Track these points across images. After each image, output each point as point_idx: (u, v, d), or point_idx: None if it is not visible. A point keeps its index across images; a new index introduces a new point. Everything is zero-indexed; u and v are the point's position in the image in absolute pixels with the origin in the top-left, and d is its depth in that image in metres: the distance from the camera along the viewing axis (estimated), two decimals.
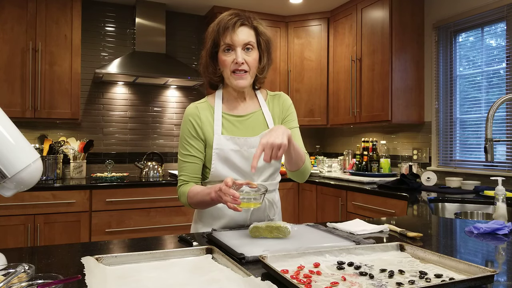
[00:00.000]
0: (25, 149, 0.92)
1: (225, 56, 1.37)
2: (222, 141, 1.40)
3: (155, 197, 3.25)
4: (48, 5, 3.24)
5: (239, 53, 1.35)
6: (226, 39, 1.35)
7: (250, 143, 1.41)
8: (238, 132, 1.44)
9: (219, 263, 0.99)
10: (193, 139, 1.43)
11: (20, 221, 2.87)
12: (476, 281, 0.83)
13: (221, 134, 1.41)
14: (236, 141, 1.41)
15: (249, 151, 1.41)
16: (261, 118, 1.48)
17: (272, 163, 1.44)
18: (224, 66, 1.38)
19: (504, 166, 2.74)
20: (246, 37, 1.36)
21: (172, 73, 3.53)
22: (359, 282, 0.85)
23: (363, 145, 3.55)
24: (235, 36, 1.34)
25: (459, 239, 1.33)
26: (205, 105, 1.47)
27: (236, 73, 1.37)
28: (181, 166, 1.45)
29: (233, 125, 1.44)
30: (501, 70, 2.81)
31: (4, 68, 3.11)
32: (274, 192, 1.51)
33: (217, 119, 1.43)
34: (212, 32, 1.39)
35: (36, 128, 3.53)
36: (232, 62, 1.36)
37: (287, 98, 1.56)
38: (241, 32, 1.35)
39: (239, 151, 1.40)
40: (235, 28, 1.35)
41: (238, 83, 1.38)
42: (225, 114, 1.45)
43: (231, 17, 1.36)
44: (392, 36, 3.20)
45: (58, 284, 0.74)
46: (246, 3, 3.80)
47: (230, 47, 1.36)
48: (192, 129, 1.43)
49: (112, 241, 1.26)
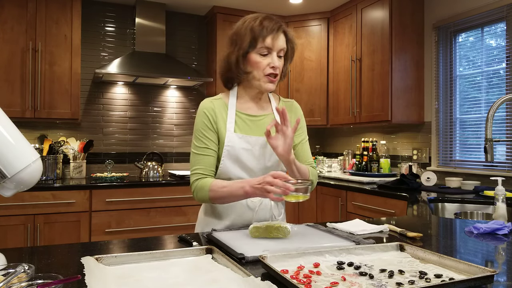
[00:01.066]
0: (25, 149, 0.92)
1: (261, 59, 1.38)
2: (234, 139, 1.41)
3: (155, 197, 3.25)
4: (48, 5, 3.24)
5: (276, 58, 1.39)
6: (267, 42, 1.37)
7: (262, 143, 1.43)
8: (250, 131, 1.45)
9: (219, 263, 0.99)
10: (208, 131, 1.43)
11: (20, 221, 2.87)
12: (476, 281, 0.83)
13: (233, 132, 1.42)
14: (248, 140, 1.42)
15: (260, 151, 1.43)
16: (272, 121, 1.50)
17: (282, 165, 1.46)
18: (258, 68, 1.39)
19: (504, 166, 2.74)
20: (283, 44, 1.40)
21: (172, 73, 3.53)
22: (359, 282, 0.85)
23: (363, 145, 3.55)
24: (276, 41, 1.37)
25: (459, 239, 1.33)
26: (220, 102, 1.48)
27: (269, 77, 1.40)
28: (196, 159, 1.42)
29: (246, 124, 1.46)
30: (501, 70, 2.81)
31: (4, 68, 3.11)
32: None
33: (230, 117, 1.44)
34: (250, 32, 1.38)
35: (36, 128, 3.53)
36: (267, 65, 1.38)
37: (299, 108, 1.60)
38: (281, 39, 1.39)
39: (250, 150, 1.42)
40: (278, 33, 1.38)
41: (268, 86, 1.41)
42: (238, 112, 1.47)
43: (273, 23, 1.37)
44: (392, 36, 3.20)
45: (58, 284, 0.74)
46: (246, 3, 3.80)
47: (268, 51, 1.38)
48: (208, 121, 1.43)
49: (112, 241, 1.26)
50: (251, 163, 1.42)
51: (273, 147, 1.32)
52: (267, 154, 1.44)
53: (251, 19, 1.40)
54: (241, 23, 1.42)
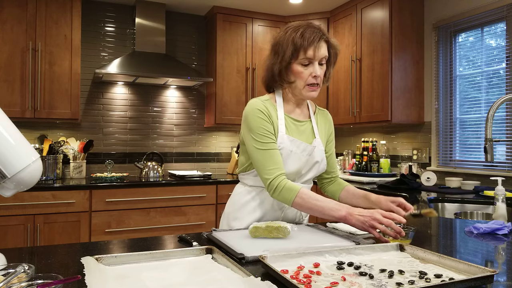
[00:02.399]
0: (25, 149, 0.92)
1: (303, 69, 1.41)
2: (285, 141, 1.44)
3: (155, 197, 3.25)
4: (48, 5, 3.24)
5: (317, 68, 1.41)
6: (309, 54, 1.38)
7: (309, 149, 1.47)
8: (298, 135, 1.49)
9: (219, 263, 0.99)
10: (269, 126, 1.42)
11: (20, 221, 2.87)
12: (476, 281, 0.83)
13: (284, 134, 1.44)
14: (298, 144, 1.45)
15: (306, 158, 1.47)
16: (311, 128, 1.54)
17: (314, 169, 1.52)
18: (300, 78, 1.42)
19: (504, 166, 2.74)
20: (324, 52, 1.42)
21: (172, 73, 3.53)
22: (359, 282, 0.85)
23: (363, 145, 3.55)
24: (317, 52, 1.39)
25: (459, 239, 1.33)
26: (269, 102, 1.49)
27: (311, 86, 1.42)
28: (265, 156, 1.38)
29: (292, 128, 1.49)
30: (501, 70, 2.81)
31: (4, 68, 3.11)
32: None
33: (280, 118, 1.46)
34: (292, 44, 1.39)
35: (36, 128, 3.53)
36: (309, 75, 1.41)
37: (331, 119, 1.67)
38: (323, 48, 1.41)
39: (296, 153, 1.45)
40: (320, 44, 1.39)
41: (310, 94, 1.44)
42: (286, 115, 1.50)
43: (315, 33, 1.38)
44: (392, 36, 3.20)
45: (58, 284, 0.74)
46: (246, 3, 3.80)
47: (309, 61, 1.40)
48: (265, 117, 1.43)
49: (112, 241, 1.26)
50: (293, 167, 1.45)
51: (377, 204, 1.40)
52: (309, 163, 1.49)
53: (292, 30, 1.42)
54: (283, 33, 1.44)
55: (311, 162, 1.49)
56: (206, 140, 4.18)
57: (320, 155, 1.51)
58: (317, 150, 1.50)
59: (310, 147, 1.48)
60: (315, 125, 1.56)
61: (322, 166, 1.54)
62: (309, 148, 1.47)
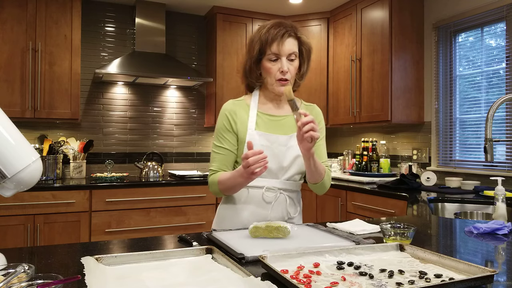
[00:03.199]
0: (25, 149, 0.92)
1: (271, 64, 1.45)
2: (254, 136, 1.47)
3: (155, 197, 3.25)
4: (48, 5, 3.24)
5: (285, 63, 1.43)
6: (273, 49, 1.42)
7: (281, 141, 1.48)
8: (270, 129, 1.51)
9: (219, 263, 0.99)
10: (227, 132, 1.50)
11: (20, 221, 2.87)
12: (476, 281, 0.83)
13: (254, 130, 1.48)
14: (268, 138, 1.48)
15: (279, 149, 1.48)
16: (293, 122, 1.54)
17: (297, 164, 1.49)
18: (269, 73, 1.46)
19: (504, 166, 2.74)
20: (291, 48, 1.44)
21: (172, 73, 3.53)
22: (359, 282, 0.85)
23: (362, 145, 3.55)
24: (282, 47, 1.42)
25: (459, 239, 1.33)
26: (242, 103, 1.55)
27: (281, 81, 1.46)
28: (213, 157, 1.52)
29: (266, 123, 1.52)
30: (501, 70, 2.81)
31: (4, 68, 3.11)
32: (296, 192, 1.57)
33: (251, 116, 1.51)
34: (258, 40, 1.45)
35: (36, 128, 3.53)
36: (278, 70, 1.44)
37: (320, 112, 1.66)
38: (287, 43, 1.43)
39: (269, 147, 1.46)
40: (283, 39, 1.42)
41: (281, 89, 1.46)
42: (260, 113, 1.53)
43: (279, 29, 1.43)
44: (392, 36, 3.20)
45: (58, 284, 0.74)
46: (246, 3, 3.80)
47: (277, 57, 1.43)
48: (227, 123, 1.51)
49: (112, 241, 1.26)
50: (271, 162, 1.45)
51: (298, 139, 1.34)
52: (285, 154, 1.48)
53: (262, 27, 1.48)
54: (256, 32, 1.50)
55: (291, 155, 1.48)
56: (206, 140, 4.18)
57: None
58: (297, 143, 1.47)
59: (283, 138, 1.48)
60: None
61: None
62: (282, 139, 1.47)
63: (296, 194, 1.56)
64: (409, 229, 1.18)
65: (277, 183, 1.48)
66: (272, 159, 1.45)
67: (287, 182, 1.50)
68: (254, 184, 1.47)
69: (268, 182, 1.47)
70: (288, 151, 1.48)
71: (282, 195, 1.49)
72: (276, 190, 1.48)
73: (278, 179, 1.48)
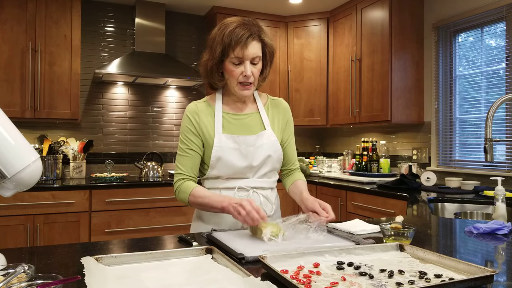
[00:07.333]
0: (24, 149, 0.92)
1: (234, 68, 1.40)
2: (223, 140, 1.44)
3: (155, 197, 3.25)
4: (47, 5, 3.24)
5: (248, 67, 1.39)
6: (237, 53, 1.37)
7: (249, 141, 1.46)
8: (236, 130, 1.48)
9: (219, 263, 0.99)
10: (191, 134, 1.48)
11: (19, 221, 2.87)
12: (475, 281, 0.83)
13: (221, 133, 1.45)
14: (235, 140, 1.45)
15: (247, 150, 1.45)
16: (258, 119, 1.53)
17: (269, 163, 1.49)
18: (232, 76, 1.42)
19: (504, 166, 2.74)
20: (255, 52, 1.40)
21: (171, 73, 3.53)
22: (359, 282, 0.85)
23: (362, 145, 3.55)
24: (246, 51, 1.37)
25: (458, 239, 1.33)
26: (205, 104, 1.52)
27: (243, 85, 1.43)
28: (179, 160, 1.49)
29: (232, 123, 1.49)
30: (501, 70, 2.81)
31: (4, 68, 3.11)
32: (270, 190, 1.54)
33: (218, 119, 1.48)
34: (221, 41, 1.39)
35: (36, 128, 3.53)
36: (241, 74, 1.40)
37: (288, 107, 1.63)
38: (251, 47, 1.38)
39: (238, 149, 1.45)
40: (247, 43, 1.37)
41: (242, 93, 1.45)
42: (224, 113, 1.50)
43: (243, 32, 1.36)
44: (392, 36, 3.20)
45: (58, 284, 0.73)
46: (246, 3, 3.80)
47: (240, 61, 1.39)
48: (191, 125, 1.48)
49: (112, 241, 1.26)
50: (238, 162, 1.44)
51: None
52: (254, 153, 1.46)
53: (224, 27, 1.41)
54: (217, 30, 1.44)
55: (260, 155, 1.46)
56: None
57: (271, 147, 1.47)
58: (266, 142, 1.47)
59: (250, 138, 1.45)
60: (264, 116, 1.53)
61: (276, 158, 1.50)
62: (250, 139, 1.45)
63: (270, 192, 1.53)
64: (409, 229, 1.18)
65: (249, 181, 1.47)
66: (242, 160, 1.44)
67: (258, 180, 1.48)
68: (226, 186, 1.46)
69: (239, 182, 1.46)
70: (257, 151, 1.46)
71: (255, 194, 1.47)
72: (248, 189, 1.47)
73: (249, 179, 1.47)
